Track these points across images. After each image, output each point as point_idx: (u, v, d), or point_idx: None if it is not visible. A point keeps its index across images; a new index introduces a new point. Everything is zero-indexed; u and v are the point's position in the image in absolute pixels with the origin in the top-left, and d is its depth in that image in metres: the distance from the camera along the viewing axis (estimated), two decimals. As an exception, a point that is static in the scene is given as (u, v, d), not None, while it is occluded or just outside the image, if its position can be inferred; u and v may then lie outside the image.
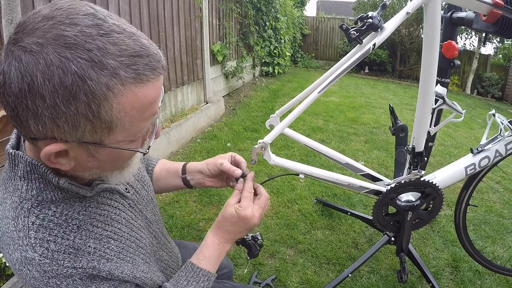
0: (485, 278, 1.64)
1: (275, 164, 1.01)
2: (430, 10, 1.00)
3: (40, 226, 0.47)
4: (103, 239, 0.54)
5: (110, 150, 0.45)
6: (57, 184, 0.48)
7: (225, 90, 4.76)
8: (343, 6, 20.81)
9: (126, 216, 0.62)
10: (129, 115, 0.41)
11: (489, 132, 1.28)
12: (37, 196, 0.48)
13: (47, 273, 0.46)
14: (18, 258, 0.46)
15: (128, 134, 0.44)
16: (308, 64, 9.62)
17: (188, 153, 2.92)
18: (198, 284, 0.66)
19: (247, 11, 4.99)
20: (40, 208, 0.48)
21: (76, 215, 0.50)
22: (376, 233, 1.91)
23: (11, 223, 0.47)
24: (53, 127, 0.39)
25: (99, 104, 0.38)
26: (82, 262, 0.49)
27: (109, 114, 0.39)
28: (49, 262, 0.47)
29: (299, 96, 1.17)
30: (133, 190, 0.67)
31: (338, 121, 4.09)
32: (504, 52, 9.44)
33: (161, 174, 0.85)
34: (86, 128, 0.40)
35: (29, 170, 0.48)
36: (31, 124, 0.39)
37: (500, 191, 2.61)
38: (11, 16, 1.50)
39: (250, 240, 0.77)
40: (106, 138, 0.42)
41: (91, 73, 0.36)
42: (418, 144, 1.21)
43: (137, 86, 0.40)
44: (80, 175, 0.50)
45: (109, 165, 0.49)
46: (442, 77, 1.61)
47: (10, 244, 0.47)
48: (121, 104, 0.39)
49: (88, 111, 0.38)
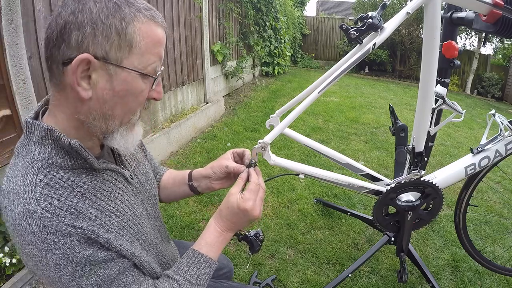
0: (485, 278, 1.64)
1: (275, 164, 1.01)
2: (430, 10, 1.00)
3: (46, 185, 0.51)
4: (105, 212, 0.56)
5: (126, 75, 0.51)
6: (69, 146, 0.53)
7: (225, 90, 4.76)
8: (343, 6, 20.80)
9: (129, 199, 0.64)
10: (145, 41, 0.52)
11: (489, 132, 1.28)
12: (48, 159, 0.53)
13: (46, 228, 0.48)
14: (21, 212, 0.49)
15: (141, 61, 0.52)
16: (308, 64, 9.62)
17: (188, 153, 2.92)
18: (199, 270, 0.65)
19: (247, 11, 4.99)
20: (49, 170, 0.52)
21: (81, 184, 0.54)
22: (376, 233, 1.91)
23: (20, 179, 0.51)
24: (91, 37, 0.48)
25: (128, 23, 0.50)
26: (83, 223, 0.51)
27: (132, 32, 0.50)
28: (50, 216, 0.49)
29: (299, 96, 1.17)
30: (137, 179, 0.70)
31: (338, 121, 4.09)
32: (504, 52, 9.43)
33: (168, 182, 0.88)
34: (114, 42, 0.49)
35: (43, 135, 0.53)
36: (73, 37, 0.48)
37: (500, 191, 2.61)
38: (11, 16, 1.50)
39: (252, 236, 0.80)
40: (125, 59, 0.51)
41: (125, 5, 0.50)
42: (418, 144, 1.21)
43: (152, 23, 0.53)
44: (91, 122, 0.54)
45: (121, 102, 0.53)
46: (442, 77, 1.61)
47: (14, 199, 0.50)
48: (141, 29, 0.51)
49: (119, 25, 0.49)
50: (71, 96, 0.52)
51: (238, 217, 0.68)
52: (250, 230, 0.82)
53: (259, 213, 0.69)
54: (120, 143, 0.57)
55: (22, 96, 1.61)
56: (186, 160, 2.77)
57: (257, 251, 0.80)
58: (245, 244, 0.78)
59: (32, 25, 1.66)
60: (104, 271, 0.54)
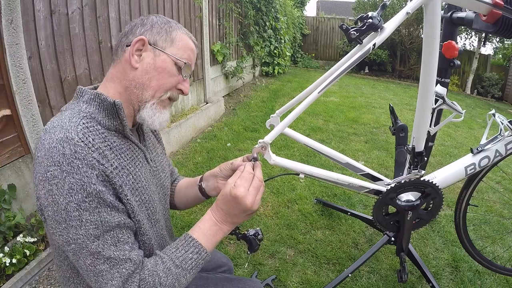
0: (485, 278, 1.64)
1: (275, 164, 1.01)
2: (430, 10, 1.00)
3: (86, 127, 0.61)
4: (125, 170, 0.65)
5: (165, 57, 0.69)
6: (113, 105, 0.65)
7: (225, 90, 4.76)
8: (343, 6, 20.79)
9: (146, 175, 0.72)
10: (181, 43, 0.72)
11: (489, 132, 1.27)
12: (92, 114, 0.64)
13: (76, 154, 0.57)
14: (60, 137, 0.57)
15: (177, 52, 0.71)
16: (308, 64, 9.62)
17: (188, 153, 2.92)
18: (187, 253, 0.65)
19: (247, 11, 4.99)
20: (90, 120, 0.63)
21: (112, 141, 0.65)
22: (376, 233, 1.91)
23: (66, 118, 0.61)
24: (149, 30, 0.70)
25: (173, 30, 0.72)
26: (106, 164, 0.60)
27: (174, 35, 0.71)
28: (83, 146, 0.58)
29: (299, 96, 1.17)
30: (154, 164, 0.79)
31: (338, 121, 4.09)
32: (504, 52, 9.43)
33: (182, 185, 0.96)
34: (162, 37, 0.70)
35: (92, 98, 0.66)
36: (137, 30, 0.70)
37: (500, 191, 2.61)
38: (11, 16, 1.50)
39: (251, 236, 0.80)
40: (167, 48, 0.70)
41: (173, 23, 0.73)
42: (418, 144, 1.21)
43: (188, 37, 0.74)
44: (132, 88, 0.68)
45: (157, 76, 0.69)
46: (442, 77, 1.61)
47: (57, 130, 0.59)
48: (180, 36, 0.72)
49: (168, 29, 0.71)
50: (125, 67, 0.69)
51: (231, 205, 0.67)
52: (250, 229, 0.83)
53: (252, 203, 0.66)
54: (149, 113, 0.69)
55: (22, 96, 1.61)
56: (186, 160, 2.77)
57: (256, 251, 0.80)
58: (244, 244, 0.78)
59: (32, 25, 1.66)
60: (106, 215, 0.59)
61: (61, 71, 1.87)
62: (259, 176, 0.71)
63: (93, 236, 0.57)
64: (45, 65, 1.76)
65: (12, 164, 1.63)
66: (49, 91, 1.80)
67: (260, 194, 0.69)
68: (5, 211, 1.53)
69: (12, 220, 1.52)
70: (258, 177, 0.70)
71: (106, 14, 2.19)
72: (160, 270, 0.62)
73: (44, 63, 1.75)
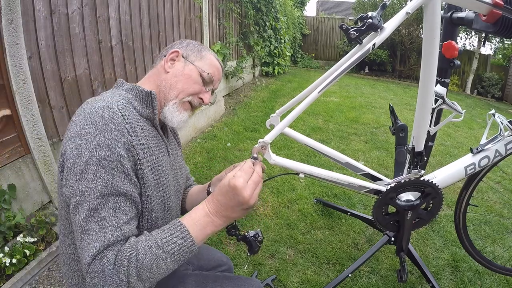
0: (485, 278, 1.64)
1: (275, 163, 1.01)
2: (430, 10, 1.00)
3: (124, 106, 0.71)
4: (150, 150, 0.73)
5: (192, 68, 0.82)
6: (149, 94, 0.76)
7: (225, 90, 4.76)
8: (343, 6, 20.80)
9: (166, 162, 0.80)
10: (208, 60, 0.85)
11: (489, 132, 1.27)
12: (129, 99, 0.75)
13: (113, 119, 0.65)
14: (101, 106, 0.66)
15: (203, 66, 0.83)
16: (308, 64, 9.62)
17: (188, 153, 2.92)
18: (171, 236, 0.63)
19: (247, 11, 4.99)
20: (128, 104, 0.73)
21: (142, 125, 0.73)
22: (376, 233, 1.91)
23: (108, 95, 0.72)
24: (184, 47, 0.85)
25: (203, 50, 0.86)
26: (134, 137, 0.68)
27: (203, 54, 0.85)
28: (119, 115, 0.67)
29: (299, 96, 1.17)
30: (174, 160, 0.87)
31: (338, 121, 4.09)
32: (504, 52, 9.43)
33: (194, 191, 1.02)
34: (194, 53, 0.84)
35: (130, 88, 0.77)
36: (176, 46, 0.86)
37: (500, 191, 2.61)
38: (11, 16, 1.50)
39: (251, 237, 0.80)
40: (195, 62, 0.83)
41: (205, 47, 0.88)
42: (418, 143, 1.21)
43: (215, 59, 0.87)
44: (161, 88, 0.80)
45: (183, 80, 0.81)
46: (442, 77, 1.61)
47: (99, 101, 0.68)
48: (208, 55, 0.86)
49: (199, 49, 0.86)
50: (160, 70, 0.82)
51: (227, 196, 0.65)
52: (250, 231, 0.82)
53: (250, 195, 0.64)
54: (170, 110, 0.78)
55: (22, 96, 1.61)
56: (186, 160, 2.77)
57: (256, 252, 0.80)
58: (244, 245, 0.77)
59: (32, 25, 1.66)
60: (118, 180, 0.63)
61: (61, 71, 1.87)
62: (259, 172, 0.69)
63: (99, 193, 0.61)
64: (45, 65, 1.76)
65: (12, 164, 1.63)
66: (49, 91, 1.80)
67: (258, 189, 0.67)
68: (5, 211, 1.53)
69: (12, 220, 1.52)
70: (258, 172, 0.69)
71: (106, 14, 2.19)
72: (140, 246, 0.61)
73: (44, 63, 1.75)
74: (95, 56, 2.13)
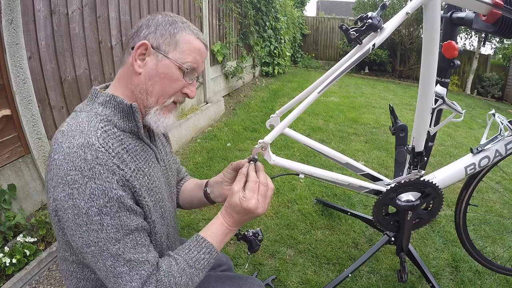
0: (485, 278, 1.64)
1: (275, 164, 1.01)
2: (430, 10, 1.00)
3: (105, 132, 0.63)
4: (140, 172, 0.68)
5: (168, 62, 0.68)
6: (129, 107, 0.67)
7: (225, 90, 4.76)
8: (343, 6, 20.78)
9: (157, 173, 0.75)
10: (186, 45, 0.70)
11: (489, 132, 1.27)
12: (108, 116, 0.66)
13: (98, 159, 0.58)
14: (81, 142, 0.58)
15: (180, 57, 0.69)
16: (308, 64, 9.61)
17: (188, 153, 2.92)
18: (199, 254, 0.68)
19: (247, 11, 4.99)
20: (107, 124, 0.65)
21: (128, 143, 0.67)
22: (376, 233, 1.91)
23: (85, 122, 0.62)
24: (152, 33, 0.68)
25: (178, 32, 0.69)
26: (125, 169, 0.62)
27: (178, 38, 0.69)
28: (104, 151, 0.59)
29: (299, 96, 1.17)
30: (163, 163, 0.81)
31: (338, 121, 4.09)
32: (504, 52, 9.43)
33: (188, 186, 0.97)
34: (166, 40, 0.68)
35: (108, 99, 0.67)
36: (142, 32, 0.69)
37: (500, 191, 2.61)
38: (11, 16, 1.50)
39: (250, 236, 0.81)
40: (170, 52, 0.68)
41: (180, 23, 0.71)
42: (418, 144, 1.21)
43: (194, 37, 0.71)
44: (137, 93, 0.69)
45: (160, 82, 0.68)
46: (442, 77, 1.61)
47: (76, 134, 0.60)
48: (185, 38, 0.70)
49: (172, 31, 0.69)
50: (130, 70, 0.69)
51: (241, 214, 0.71)
52: (249, 229, 0.82)
53: (263, 209, 0.71)
54: (154, 119, 0.69)
55: (22, 96, 1.61)
56: (186, 160, 2.77)
57: (256, 251, 0.81)
58: (244, 244, 0.78)
59: (32, 25, 1.66)
60: (126, 219, 0.61)
61: (61, 71, 1.87)
62: (263, 181, 0.73)
63: (113, 239, 0.59)
64: (45, 65, 1.76)
65: (12, 164, 1.63)
66: (49, 91, 1.80)
67: (269, 199, 0.73)
68: (5, 211, 1.53)
69: (12, 220, 1.52)
70: (263, 183, 0.73)
71: (106, 14, 2.19)
72: (175, 271, 0.65)
73: (44, 63, 1.75)
74: (95, 56, 2.13)
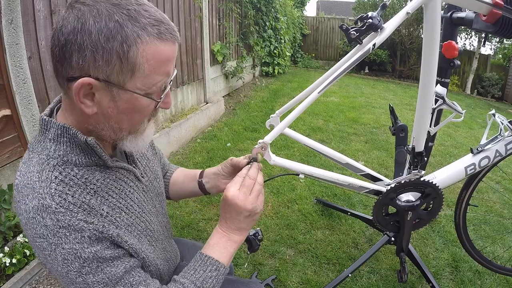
0: (485, 278, 1.64)
1: (275, 164, 1.01)
2: (430, 10, 1.00)
3: (61, 181, 0.52)
4: (116, 209, 0.59)
5: (129, 96, 0.52)
6: (85, 143, 0.54)
7: (225, 90, 4.76)
8: (343, 6, 20.78)
9: (138, 197, 0.66)
10: (149, 63, 0.50)
11: (489, 132, 1.27)
12: (63, 156, 0.54)
13: (59, 222, 0.50)
14: (35, 206, 0.50)
15: (145, 82, 0.51)
16: (308, 64, 9.61)
17: (188, 153, 2.92)
18: (205, 273, 0.64)
19: (247, 11, 4.99)
20: (64, 167, 0.54)
21: (94, 181, 0.56)
22: (376, 233, 1.91)
23: (35, 175, 0.52)
24: (91, 61, 0.47)
25: (130, 46, 0.48)
26: (94, 219, 0.53)
27: (134, 56, 0.49)
28: (64, 211, 0.51)
29: (299, 96, 1.17)
30: (147, 177, 0.72)
31: (338, 121, 4.09)
32: (504, 52, 9.43)
33: (178, 179, 0.90)
34: (116, 66, 0.48)
35: (59, 133, 0.54)
36: (73, 58, 0.47)
37: (500, 191, 2.61)
38: (11, 16, 1.50)
39: (250, 236, 0.80)
40: (128, 82, 0.50)
41: (128, 23, 0.47)
42: (418, 144, 1.21)
43: (158, 41, 0.50)
44: (99, 131, 0.55)
45: (127, 118, 0.55)
46: (442, 77, 1.61)
47: (29, 194, 0.51)
48: (145, 51, 0.49)
49: (120, 49, 0.47)
50: (80, 112, 0.53)
51: (228, 210, 0.66)
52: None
53: (243, 202, 0.64)
54: (130, 147, 0.59)
55: (22, 96, 1.61)
56: (186, 160, 2.77)
57: (256, 251, 0.80)
58: (244, 244, 0.78)
59: (32, 25, 1.66)
60: (110, 269, 0.55)
61: (61, 71, 1.87)
62: (252, 175, 0.68)
63: None
64: (45, 65, 1.76)
65: (12, 164, 1.63)
66: (49, 91, 1.80)
67: (256, 193, 0.67)
68: (5, 211, 1.53)
69: (12, 220, 1.52)
70: (250, 176, 0.68)
71: (106, 14, 2.19)
72: None
73: (44, 63, 1.75)
74: (95, 56, 2.13)
